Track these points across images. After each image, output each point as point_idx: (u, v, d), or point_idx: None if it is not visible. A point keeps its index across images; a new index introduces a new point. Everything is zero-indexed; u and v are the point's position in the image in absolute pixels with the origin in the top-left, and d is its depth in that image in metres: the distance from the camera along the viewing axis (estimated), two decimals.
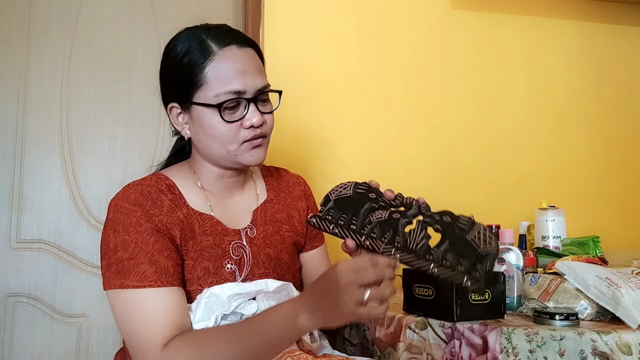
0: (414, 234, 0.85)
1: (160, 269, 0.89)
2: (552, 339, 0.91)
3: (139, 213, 0.92)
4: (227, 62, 0.95)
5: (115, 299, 0.89)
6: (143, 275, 0.87)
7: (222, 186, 1.03)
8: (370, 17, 1.89)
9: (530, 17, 2.06)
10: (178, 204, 0.97)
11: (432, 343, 1.03)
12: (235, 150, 0.97)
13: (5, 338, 1.57)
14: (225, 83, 0.94)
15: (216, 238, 0.98)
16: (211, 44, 0.96)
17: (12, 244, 1.60)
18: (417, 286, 1.10)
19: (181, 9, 1.79)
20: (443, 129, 1.93)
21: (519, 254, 1.19)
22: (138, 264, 0.88)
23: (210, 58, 0.95)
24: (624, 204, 2.10)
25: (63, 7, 1.69)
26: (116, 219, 0.92)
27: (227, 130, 0.95)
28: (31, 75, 1.65)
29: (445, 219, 0.84)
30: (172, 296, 0.89)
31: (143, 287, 0.87)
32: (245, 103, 0.96)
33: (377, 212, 0.89)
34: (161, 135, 1.74)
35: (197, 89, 0.95)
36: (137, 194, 0.94)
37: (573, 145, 2.08)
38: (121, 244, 0.90)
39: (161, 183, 0.98)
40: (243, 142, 0.97)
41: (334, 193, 0.94)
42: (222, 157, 0.98)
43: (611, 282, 1.01)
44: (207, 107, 0.95)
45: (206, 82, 0.95)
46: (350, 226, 0.88)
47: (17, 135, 1.63)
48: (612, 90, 2.14)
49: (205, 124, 0.96)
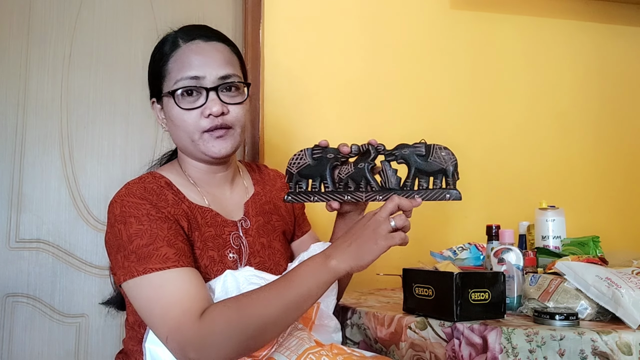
0: (384, 174, 0.94)
1: (180, 250, 0.91)
2: (552, 339, 0.91)
3: (147, 205, 0.94)
4: (189, 53, 1.00)
5: (139, 286, 0.89)
6: (165, 257, 0.89)
7: (211, 182, 1.07)
8: (369, 17, 1.89)
9: (530, 17, 2.07)
10: (179, 198, 1.00)
11: (433, 342, 1.03)
12: (198, 139, 0.99)
13: (4, 338, 1.57)
14: (183, 70, 0.98)
15: (217, 229, 1.01)
16: (179, 39, 1.02)
17: (11, 243, 1.60)
18: (417, 286, 1.10)
19: (181, 9, 1.79)
20: (442, 129, 1.93)
21: (519, 254, 1.19)
22: (158, 247, 0.89)
23: (175, 50, 1.00)
24: (624, 204, 2.10)
25: (63, 8, 1.69)
26: (125, 213, 0.93)
27: (188, 119, 0.98)
28: (31, 75, 1.65)
29: (403, 152, 0.94)
30: (194, 275, 0.91)
31: (167, 268, 0.88)
32: (205, 92, 0.98)
33: (342, 167, 0.96)
34: (161, 135, 1.74)
35: (163, 80, 1.01)
36: (142, 190, 0.96)
37: (573, 145, 2.08)
38: (136, 233, 0.91)
39: (159, 180, 1.01)
40: (203, 131, 0.99)
41: (294, 166, 0.99)
42: (190, 148, 1.01)
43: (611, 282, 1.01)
44: (168, 95, 0.99)
45: (169, 72, 1.00)
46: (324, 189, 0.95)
47: (16, 135, 1.63)
48: (612, 90, 2.14)
49: (170, 113, 1.01)
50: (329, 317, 1.11)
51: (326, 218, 1.69)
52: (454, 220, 1.90)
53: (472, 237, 1.77)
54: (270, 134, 1.75)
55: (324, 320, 1.09)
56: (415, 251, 1.82)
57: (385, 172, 0.93)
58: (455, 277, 1.02)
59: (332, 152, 0.97)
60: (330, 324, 1.11)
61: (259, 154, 1.73)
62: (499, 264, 1.18)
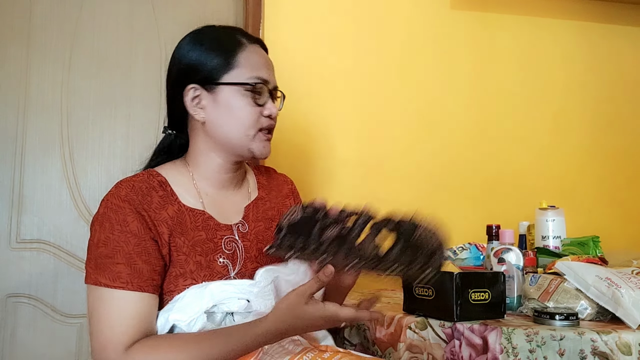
0: (366, 245, 0.88)
1: (135, 271, 0.91)
2: (552, 339, 0.91)
3: (127, 210, 0.93)
4: (256, 55, 1.04)
5: (89, 293, 0.92)
6: (117, 274, 0.90)
7: (217, 181, 1.05)
8: (369, 17, 1.89)
9: (529, 17, 2.07)
10: (169, 200, 0.98)
11: (433, 343, 1.03)
12: (252, 135, 1.01)
13: (5, 338, 1.57)
14: (256, 69, 1.01)
15: (208, 233, 1.00)
16: (241, 38, 1.04)
17: (12, 244, 1.61)
18: (417, 286, 1.10)
19: (182, 10, 1.79)
20: (442, 129, 1.93)
21: (519, 254, 1.19)
22: (115, 263, 0.90)
23: (242, 48, 1.02)
24: (624, 204, 2.10)
25: (63, 9, 1.69)
26: (104, 215, 0.94)
27: (250, 114, 1.00)
28: (32, 75, 1.65)
29: (389, 225, 0.88)
30: (141, 301, 0.90)
31: (114, 288, 0.89)
32: (268, 93, 1.03)
33: (328, 230, 0.91)
34: (161, 136, 1.74)
35: (228, 71, 1.00)
36: (129, 189, 0.96)
37: (573, 145, 2.08)
38: (104, 240, 0.92)
39: (153, 179, 1.00)
40: (260, 129, 1.02)
41: (285, 220, 0.96)
42: (238, 141, 1.01)
43: (611, 282, 1.01)
44: (238, 86, 1.00)
45: (238, 66, 1.01)
46: (306, 249, 0.91)
47: (17, 136, 1.63)
48: (611, 90, 2.14)
49: (232, 105, 1.00)
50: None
51: None
52: (454, 220, 1.90)
53: (472, 237, 1.77)
54: None
55: None
56: None
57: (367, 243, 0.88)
58: (455, 277, 1.02)
59: (323, 212, 0.94)
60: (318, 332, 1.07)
61: None
62: (499, 264, 1.18)
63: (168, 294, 0.95)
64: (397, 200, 1.83)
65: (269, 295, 0.97)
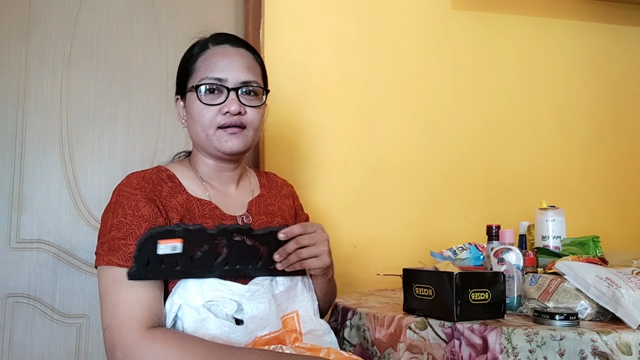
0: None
1: None
2: (552, 339, 0.91)
3: (139, 196, 0.98)
4: (216, 55, 1.07)
5: (102, 274, 0.94)
6: (129, 255, 0.93)
7: (219, 179, 1.12)
8: (370, 17, 1.89)
9: (530, 17, 2.07)
10: (177, 190, 1.04)
11: (432, 343, 1.03)
12: (212, 134, 1.05)
13: (4, 338, 1.57)
14: (209, 70, 1.05)
15: (215, 221, 1.04)
16: (209, 42, 1.10)
17: (12, 244, 1.60)
18: (417, 286, 1.10)
19: (182, 9, 1.79)
20: (443, 129, 1.93)
21: (519, 254, 1.19)
22: (127, 244, 0.94)
23: (204, 51, 1.08)
24: (624, 204, 2.10)
25: (63, 7, 1.69)
26: (117, 202, 0.98)
27: (206, 114, 1.04)
28: (31, 75, 1.65)
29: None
30: (151, 283, 0.94)
31: (127, 267, 0.92)
32: (227, 92, 1.05)
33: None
34: (161, 135, 1.74)
35: (189, 78, 1.08)
36: (140, 179, 1.02)
37: (573, 145, 2.08)
38: (116, 224, 0.96)
39: (162, 173, 1.06)
40: (218, 127, 1.05)
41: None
42: (204, 143, 1.07)
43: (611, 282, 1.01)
44: (192, 90, 1.06)
45: (196, 70, 1.07)
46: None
47: (17, 136, 1.63)
48: (612, 90, 2.14)
49: (191, 108, 1.07)
50: (313, 321, 1.10)
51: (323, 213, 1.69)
52: (454, 220, 1.90)
53: (472, 237, 1.77)
54: (271, 134, 1.75)
55: (309, 326, 1.08)
56: (415, 251, 1.83)
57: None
58: (455, 277, 1.02)
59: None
60: (318, 327, 1.10)
61: (259, 153, 1.73)
62: (499, 264, 1.18)
63: None
64: (397, 201, 1.84)
65: (261, 299, 1.00)
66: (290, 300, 1.08)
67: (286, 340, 1.04)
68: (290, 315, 1.07)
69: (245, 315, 0.98)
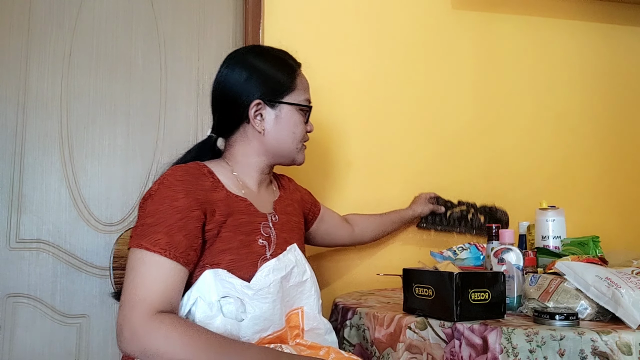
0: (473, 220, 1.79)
1: (173, 242, 0.98)
2: (552, 339, 0.91)
3: (179, 188, 1.03)
4: (303, 78, 1.23)
5: (131, 255, 1.00)
6: (157, 241, 0.98)
7: (255, 179, 1.20)
8: (370, 17, 1.89)
9: (531, 17, 2.07)
10: (217, 186, 1.10)
11: (432, 343, 1.03)
12: (299, 147, 1.22)
13: (5, 338, 1.57)
14: (306, 93, 1.22)
15: (250, 217, 1.12)
16: (293, 61, 1.24)
17: (11, 243, 1.60)
18: (417, 286, 1.10)
19: (182, 9, 1.79)
20: (443, 129, 1.93)
21: (519, 254, 1.19)
22: (157, 231, 0.99)
23: (297, 71, 1.22)
24: (624, 204, 2.10)
25: (63, 7, 1.69)
26: (158, 191, 1.04)
27: (302, 131, 1.21)
28: (31, 75, 1.65)
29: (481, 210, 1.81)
30: (172, 270, 0.98)
31: (151, 252, 0.97)
32: (309, 113, 1.23)
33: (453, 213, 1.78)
34: (161, 135, 1.74)
35: (289, 92, 1.18)
36: (184, 172, 1.07)
37: (573, 145, 2.08)
38: (152, 212, 1.01)
39: (203, 168, 1.11)
40: (303, 142, 1.23)
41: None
42: (288, 152, 1.20)
43: (611, 282, 1.01)
44: (297, 107, 1.19)
45: (296, 87, 1.20)
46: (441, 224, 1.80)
47: (16, 135, 1.63)
48: (612, 90, 2.14)
49: (292, 122, 1.19)
50: (316, 320, 1.14)
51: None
52: None
53: (472, 237, 1.77)
54: None
55: (312, 323, 1.13)
56: (415, 251, 1.83)
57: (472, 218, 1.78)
58: (455, 277, 1.02)
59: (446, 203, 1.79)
60: (320, 326, 1.14)
61: None
62: (499, 264, 1.18)
63: (213, 265, 1.04)
64: (398, 201, 1.84)
65: (265, 299, 1.04)
66: (297, 295, 1.13)
67: (287, 336, 1.08)
68: (296, 311, 1.13)
69: (247, 315, 1.00)
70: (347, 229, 1.59)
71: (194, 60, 1.79)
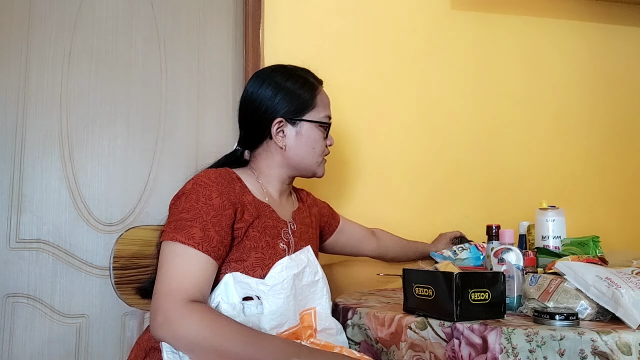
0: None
1: (208, 238, 1.04)
2: (552, 339, 0.91)
3: (213, 188, 1.09)
4: (325, 95, 1.28)
5: (165, 248, 1.04)
6: (192, 235, 1.03)
7: (277, 189, 1.26)
8: (370, 18, 1.89)
9: (530, 18, 2.07)
10: (245, 190, 1.16)
11: (433, 342, 1.03)
12: (319, 162, 1.27)
13: (4, 338, 1.57)
14: (327, 109, 1.27)
15: (273, 222, 1.19)
16: (312, 80, 1.27)
17: (11, 243, 1.60)
18: (417, 286, 1.10)
19: (182, 9, 1.79)
20: (443, 129, 1.93)
21: (519, 254, 1.19)
22: (192, 226, 1.04)
23: (318, 89, 1.27)
24: (624, 204, 2.10)
25: (63, 7, 1.69)
26: (192, 190, 1.09)
27: (322, 146, 1.26)
28: (31, 74, 1.65)
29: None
30: (205, 263, 1.03)
31: (187, 245, 1.02)
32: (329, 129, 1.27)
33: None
34: (161, 135, 1.74)
35: (310, 109, 1.23)
36: (217, 175, 1.13)
37: (574, 145, 2.08)
38: (187, 208, 1.06)
39: (232, 174, 1.17)
40: (323, 156, 1.28)
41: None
42: (309, 166, 1.26)
43: (611, 282, 1.01)
44: (317, 125, 1.24)
45: (316, 105, 1.24)
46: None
47: (16, 135, 1.63)
48: (611, 90, 2.14)
49: (312, 138, 1.24)
50: (328, 320, 1.18)
51: None
52: (454, 220, 1.90)
53: (472, 237, 1.77)
54: None
55: (325, 323, 1.17)
56: None
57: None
58: (455, 277, 1.02)
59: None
60: (332, 326, 1.18)
61: None
62: (499, 264, 1.18)
63: (239, 262, 1.10)
64: (398, 201, 1.84)
65: (279, 294, 1.09)
66: (310, 295, 1.17)
67: (302, 335, 1.12)
68: (309, 311, 1.17)
69: (265, 310, 1.06)
70: (372, 242, 1.61)
71: (194, 61, 1.79)
